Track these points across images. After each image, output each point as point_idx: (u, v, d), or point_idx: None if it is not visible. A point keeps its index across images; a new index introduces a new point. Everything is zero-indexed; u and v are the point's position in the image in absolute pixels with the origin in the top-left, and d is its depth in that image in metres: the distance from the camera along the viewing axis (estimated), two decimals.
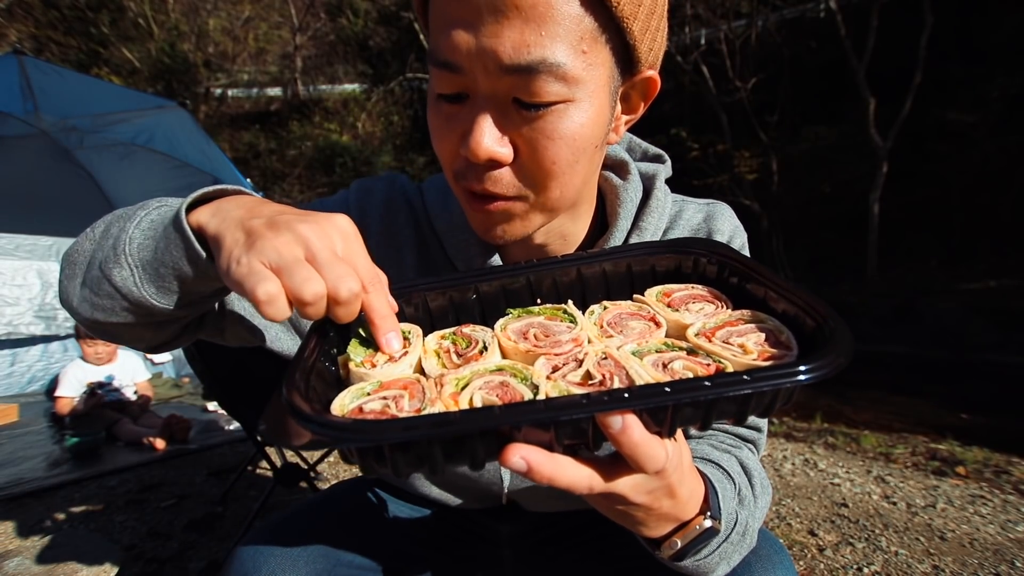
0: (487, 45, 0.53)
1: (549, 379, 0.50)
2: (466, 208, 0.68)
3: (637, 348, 0.54)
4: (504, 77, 0.55)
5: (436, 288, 0.66)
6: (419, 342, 0.58)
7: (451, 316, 0.67)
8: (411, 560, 0.92)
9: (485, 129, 0.58)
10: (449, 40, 0.55)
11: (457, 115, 0.60)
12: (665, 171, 0.86)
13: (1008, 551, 2.05)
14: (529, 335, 0.58)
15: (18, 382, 4.92)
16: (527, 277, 0.66)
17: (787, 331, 0.52)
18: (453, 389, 0.49)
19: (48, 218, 5.05)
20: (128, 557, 2.17)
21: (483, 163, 0.59)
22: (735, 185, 12.70)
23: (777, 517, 2.42)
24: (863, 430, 3.89)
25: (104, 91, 4.36)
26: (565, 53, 0.54)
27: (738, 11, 13.86)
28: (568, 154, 0.60)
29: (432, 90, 0.62)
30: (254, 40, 23.61)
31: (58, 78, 3.96)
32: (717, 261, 0.64)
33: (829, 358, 0.43)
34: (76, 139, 4.54)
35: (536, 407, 0.40)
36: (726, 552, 0.64)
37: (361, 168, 18.20)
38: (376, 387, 0.51)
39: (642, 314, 0.61)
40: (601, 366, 0.51)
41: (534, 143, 0.58)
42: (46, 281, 5.10)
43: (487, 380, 0.50)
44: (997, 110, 10.00)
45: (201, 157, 4.24)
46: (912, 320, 8.70)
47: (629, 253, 0.68)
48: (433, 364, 0.55)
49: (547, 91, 0.55)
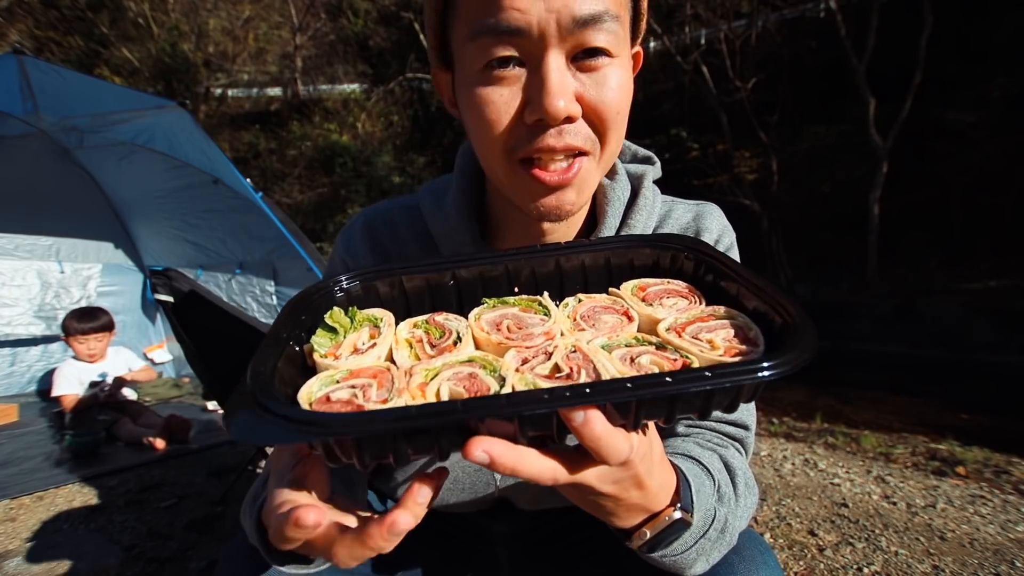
0: (559, 3, 0.58)
1: (518, 371, 0.50)
2: (529, 184, 0.67)
3: (607, 342, 0.55)
4: (575, 31, 0.59)
5: (415, 272, 0.66)
6: (390, 332, 0.58)
7: (427, 302, 0.67)
8: (406, 559, 0.92)
9: (559, 85, 0.60)
10: (511, 3, 0.58)
11: (513, 84, 0.62)
12: (653, 172, 0.88)
13: (1008, 551, 2.05)
14: (502, 326, 0.58)
15: (18, 382, 4.92)
16: (506, 266, 0.66)
17: (756, 328, 0.53)
18: (421, 379, 0.50)
19: (48, 218, 5.05)
20: (128, 557, 2.17)
21: (560, 120, 0.61)
22: (735, 185, 12.69)
23: (777, 517, 2.42)
24: (863, 430, 3.89)
25: (104, 91, 4.35)
26: (616, 9, 0.61)
27: (738, 11, 13.86)
28: (626, 104, 0.66)
29: (472, 66, 0.63)
30: (254, 40, 23.61)
31: (58, 78, 3.95)
32: (694, 257, 0.65)
33: (792, 355, 0.44)
34: (76, 139, 4.54)
35: (499, 402, 0.41)
36: (703, 548, 0.64)
37: (361, 168, 18.17)
38: (345, 375, 0.51)
39: (616, 308, 0.62)
40: (569, 359, 0.52)
41: (600, 95, 0.63)
42: (46, 281, 5.10)
43: (456, 371, 0.51)
44: (997, 110, 10.00)
45: (201, 157, 4.23)
46: (912, 320, 8.69)
47: (608, 246, 0.69)
48: (405, 356, 0.55)
49: (608, 41, 0.61)
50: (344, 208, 17.07)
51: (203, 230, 4.91)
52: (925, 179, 10.75)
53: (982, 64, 10.60)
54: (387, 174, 18.09)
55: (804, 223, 12.00)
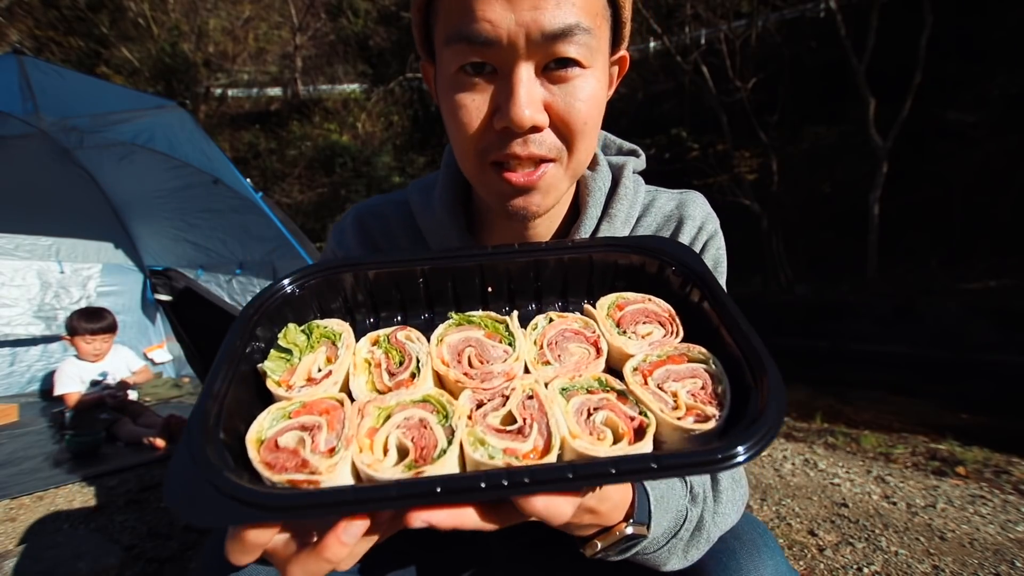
0: (528, 17, 0.58)
1: (470, 419, 0.50)
2: (498, 185, 0.68)
3: (568, 384, 0.54)
4: (544, 43, 0.60)
5: (385, 267, 0.64)
6: (347, 354, 0.56)
7: (395, 297, 0.65)
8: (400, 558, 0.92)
9: (527, 96, 0.61)
10: (483, 14, 0.59)
11: (484, 91, 0.63)
12: (635, 162, 0.89)
13: (1008, 551, 2.05)
14: (463, 357, 0.56)
15: (18, 382, 4.92)
16: (480, 264, 0.65)
17: (726, 382, 0.52)
18: (372, 423, 0.49)
19: (48, 218, 5.05)
20: (128, 557, 2.17)
21: (526, 129, 0.62)
22: (735, 185, 12.68)
23: (777, 517, 2.42)
24: (863, 430, 3.89)
25: (104, 91, 4.35)
26: (588, 22, 0.62)
27: (738, 11, 13.85)
28: (595, 114, 0.67)
29: (448, 68, 0.65)
30: (254, 40, 23.60)
31: (58, 78, 3.95)
32: (681, 273, 0.63)
33: (745, 447, 0.43)
34: (76, 139, 4.54)
35: (434, 491, 0.41)
36: (675, 547, 0.65)
37: (361, 168, 18.17)
38: (298, 408, 0.50)
39: (586, 334, 0.60)
40: (525, 408, 0.51)
41: (568, 105, 0.64)
42: (46, 281, 5.10)
43: (407, 416, 0.50)
44: (997, 110, 9.99)
45: (201, 157, 4.23)
46: (912, 320, 8.69)
47: (594, 248, 0.67)
48: (362, 384, 0.54)
49: (579, 52, 0.62)
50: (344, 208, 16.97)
51: (203, 230, 4.90)
52: (925, 179, 10.75)
53: (982, 63, 10.59)
54: (387, 174, 18.08)
55: (804, 223, 12.00)
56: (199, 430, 0.45)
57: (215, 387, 0.47)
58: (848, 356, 8.30)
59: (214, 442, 0.45)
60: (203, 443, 0.44)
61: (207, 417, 0.45)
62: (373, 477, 0.45)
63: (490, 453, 0.46)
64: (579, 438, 0.48)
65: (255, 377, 0.53)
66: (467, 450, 0.47)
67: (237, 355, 0.51)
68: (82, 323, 3.86)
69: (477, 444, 0.47)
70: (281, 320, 0.58)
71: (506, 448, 0.47)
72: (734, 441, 0.43)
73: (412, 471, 0.45)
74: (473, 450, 0.47)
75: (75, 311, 3.98)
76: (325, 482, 0.44)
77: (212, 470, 0.42)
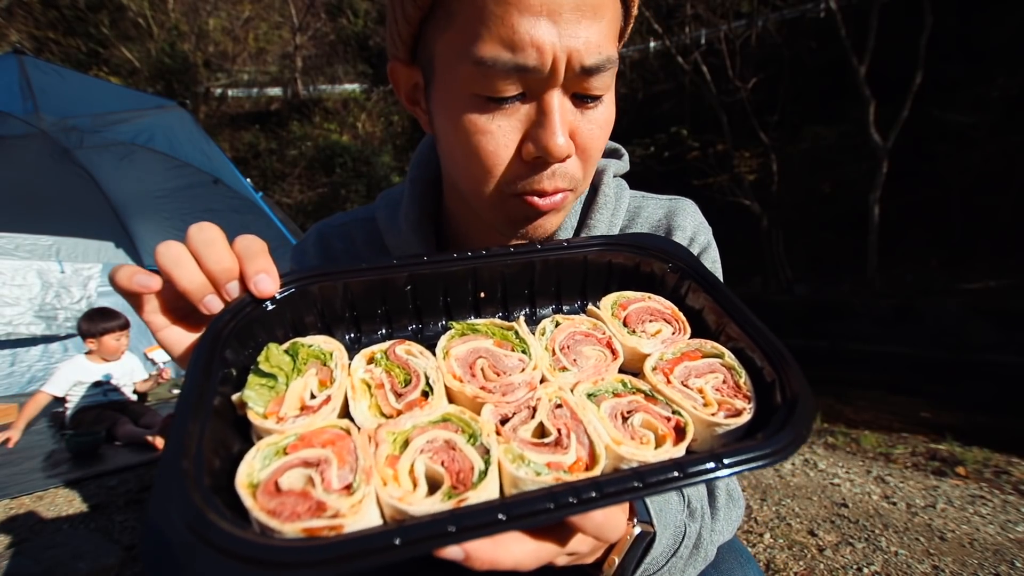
0: (572, 45, 0.54)
1: (499, 435, 0.45)
2: (522, 209, 0.63)
3: (593, 389, 0.51)
4: (580, 75, 0.56)
5: (368, 274, 0.57)
6: (343, 375, 0.49)
7: (379, 308, 0.59)
8: None
9: (562, 125, 0.58)
10: (531, 38, 0.53)
11: (510, 115, 0.58)
12: (617, 166, 0.83)
13: (1008, 551, 2.05)
14: (476, 370, 0.52)
15: (18, 382, 4.93)
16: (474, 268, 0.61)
17: (744, 373, 0.51)
18: (391, 451, 0.43)
19: (48, 218, 5.06)
20: (128, 557, 2.17)
21: (562, 159, 0.59)
22: (735, 185, 12.69)
23: (777, 517, 2.42)
24: (863, 430, 3.89)
25: (104, 91, 4.36)
26: (615, 52, 0.59)
27: (738, 11, 13.86)
28: (607, 139, 0.64)
29: (462, 87, 0.58)
30: (254, 40, 23.61)
31: (58, 78, 3.95)
32: (678, 270, 0.61)
33: (783, 442, 0.42)
34: (76, 139, 4.54)
35: (496, 519, 0.36)
36: (675, 567, 0.63)
37: (361, 168, 18.19)
38: (294, 441, 0.42)
39: (596, 335, 0.57)
40: (556, 417, 0.48)
41: (591, 133, 0.61)
42: (46, 281, 5.11)
43: (430, 439, 0.44)
44: (997, 110, 10.00)
45: (201, 157, 4.24)
46: (912, 320, 8.70)
47: (585, 248, 0.64)
48: (365, 409, 0.47)
49: (607, 85, 0.59)
50: (344, 208, 17.07)
51: None
52: (925, 179, 10.76)
53: (982, 64, 10.60)
54: (387, 174, 18.10)
55: (804, 223, 12.01)
56: (177, 477, 0.36)
57: (187, 427, 0.39)
58: (848, 356, 8.30)
59: (200, 490, 0.36)
60: (187, 493, 0.35)
61: (184, 461, 0.37)
62: (406, 512, 0.39)
63: (535, 470, 0.43)
64: (623, 444, 0.46)
65: (230, 411, 0.45)
66: (508, 468, 0.43)
67: (207, 387, 0.43)
68: (104, 323, 3.81)
69: (518, 461, 0.43)
70: (251, 340, 0.50)
71: (549, 462, 0.44)
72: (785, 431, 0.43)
73: (454, 500, 0.40)
74: (516, 468, 0.43)
75: (88, 316, 3.89)
76: (350, 526, 0.37)
77: (207, 526, 0.34)
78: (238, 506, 0.38)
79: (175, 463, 0.37)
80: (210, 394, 0.43)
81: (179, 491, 0.35)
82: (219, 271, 0.49)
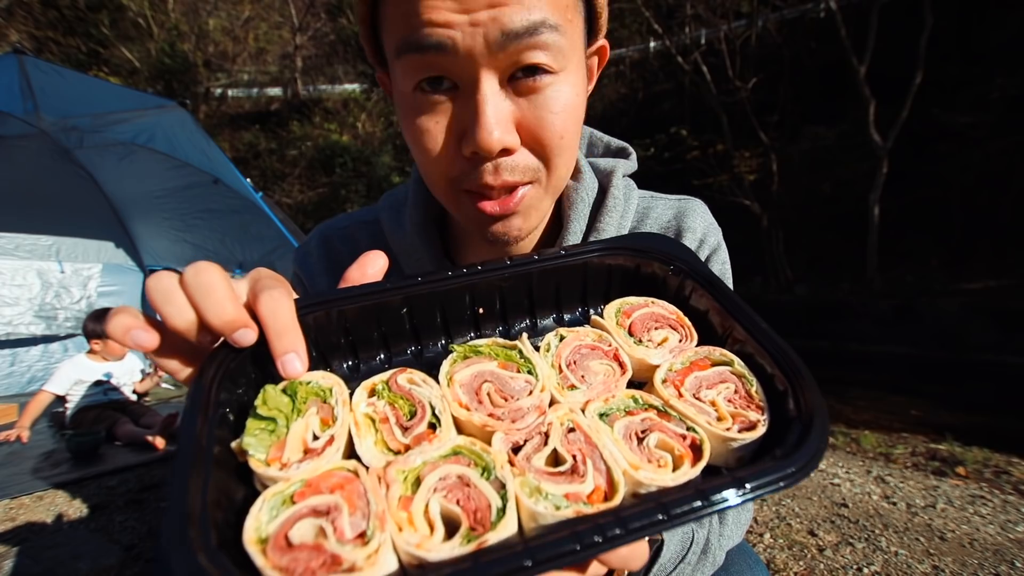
0: (484, 16, 0.50)
1: (513, 467, 0.43)
2: (474, 213, 0.61)
3: (605, 408, 0.49)
4: (506, 46, 0.51)
5: (362, 299, 0.53)
6: (345, 412, 0.46)
7: (376, 333, 0.56)
8: None
9: (494, 115, 0.53)
10: (430, 16, 0.50)
11: (446, 111, 0.56)
12: (625, 166, 0.81)
13: (1008, 551, 2.05)
14: (483, 395, 0.49)
15: (18, 382, 4.93)
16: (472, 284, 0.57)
17: (756, 381, 0.50)
18: (403, 491, 0.41)
19: (48, 218, 5.06)
20: (128, 557, 2.17)
21: (495, 153, 0.55)
22: (735, 185, 12.69)
23: (777, 517, 2.42)
24: (863, 430, 3.89)
25: (104, 91, 4.36)
26: (556, 17, 0.53)
27: (738, 11, 13.86)
28: (572, 125, 0.59)
29: (403, 84, 0.56)
30: (254, 40, 23.62)
31: (58, 78, 3.95)
32: (680, 272, 0.59)
33: (803, 460, 0.41)
34: (76, 139, 4.54)
35: (523, 565, 0.35)
36: (684, 572, 0.62)
37: (361, 168, 18.19)
38: (301, 488, 0.40)
39: (603, 347, 0.55)
40: (570, 443, 0.46)
41: (540, 120, 0.56)
42: (46, 281, 5.11)
43: (442, 475, 0.42)
44: (997, 110, 9.99)
45: (201, 157, 4.24)
46: (912, 320, 8.70)
47: (581, 254, 0.61)
48: (371, 446, 0.45)
49: (548, 57, 0.54)
50: (344, 208, 17.07)
51: (203, 230, 4.91)
52: (925, 179, 10.76)
53: (982, 65, 10.60)
54: (387, 174, 18.09)
55: (804, 223, 12.00)
56: (182, 538, 0.34)
57: (187, 481, 0.37)
58: (848, 356, 8.30)
59: (207, 551, 0.34)
60: (194, 555, 0.33)
61: (189, 521, 0.35)
62: (425, 560, 0.37)
63: (555, 503, 0.41)
64: (641, 469, 0.44)
65: (231, 458, 0.43)
66: (526, 503, 0.41)
67: (206, 436, 0.41)
68: None
69: (536, 495, 0.41)
70: (245, 380, 0.48)
71: (567, 493, 0.41)
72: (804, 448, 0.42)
73: (473, 543, 0.38)
74: (534, 502, 0.41)
75: (94, 316, 3.85)
76: None
77: None
78: (247, 563, 0.36)
79: (179, 523, 0.35)
80: (209, 442, 0.40)
81: (186, 555, 0.33)
82: (221, 325, 0.44)
